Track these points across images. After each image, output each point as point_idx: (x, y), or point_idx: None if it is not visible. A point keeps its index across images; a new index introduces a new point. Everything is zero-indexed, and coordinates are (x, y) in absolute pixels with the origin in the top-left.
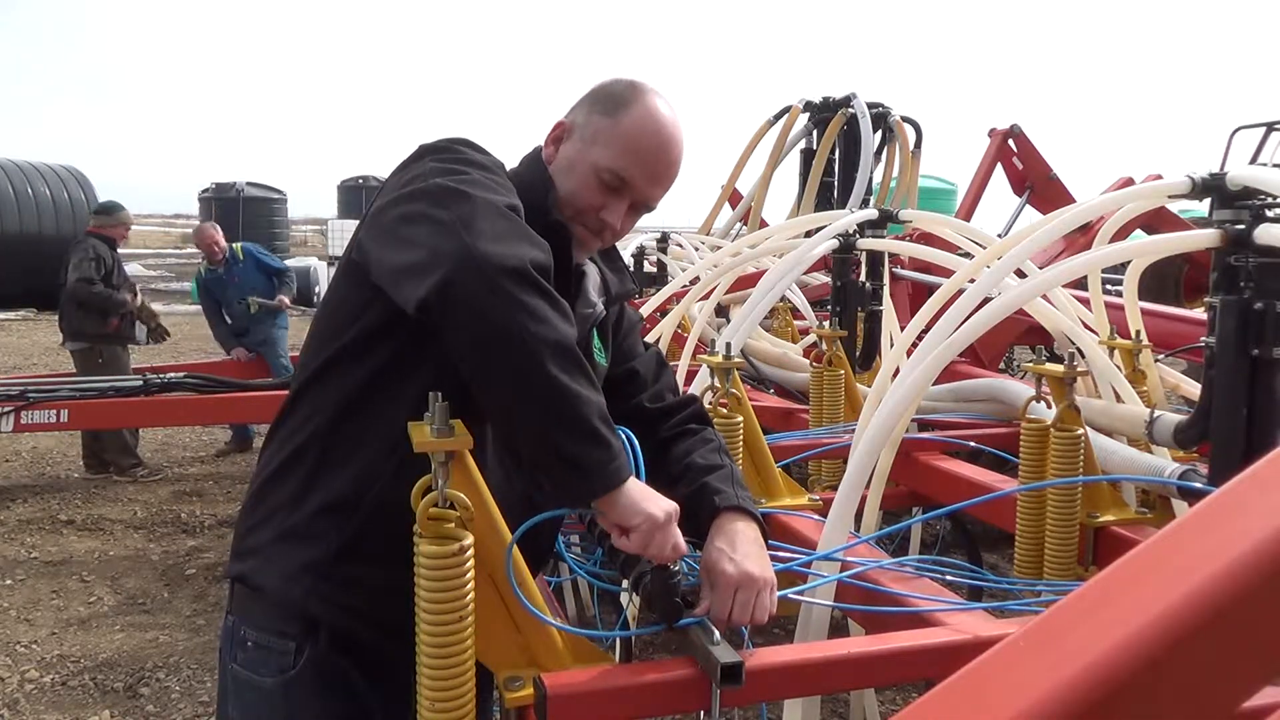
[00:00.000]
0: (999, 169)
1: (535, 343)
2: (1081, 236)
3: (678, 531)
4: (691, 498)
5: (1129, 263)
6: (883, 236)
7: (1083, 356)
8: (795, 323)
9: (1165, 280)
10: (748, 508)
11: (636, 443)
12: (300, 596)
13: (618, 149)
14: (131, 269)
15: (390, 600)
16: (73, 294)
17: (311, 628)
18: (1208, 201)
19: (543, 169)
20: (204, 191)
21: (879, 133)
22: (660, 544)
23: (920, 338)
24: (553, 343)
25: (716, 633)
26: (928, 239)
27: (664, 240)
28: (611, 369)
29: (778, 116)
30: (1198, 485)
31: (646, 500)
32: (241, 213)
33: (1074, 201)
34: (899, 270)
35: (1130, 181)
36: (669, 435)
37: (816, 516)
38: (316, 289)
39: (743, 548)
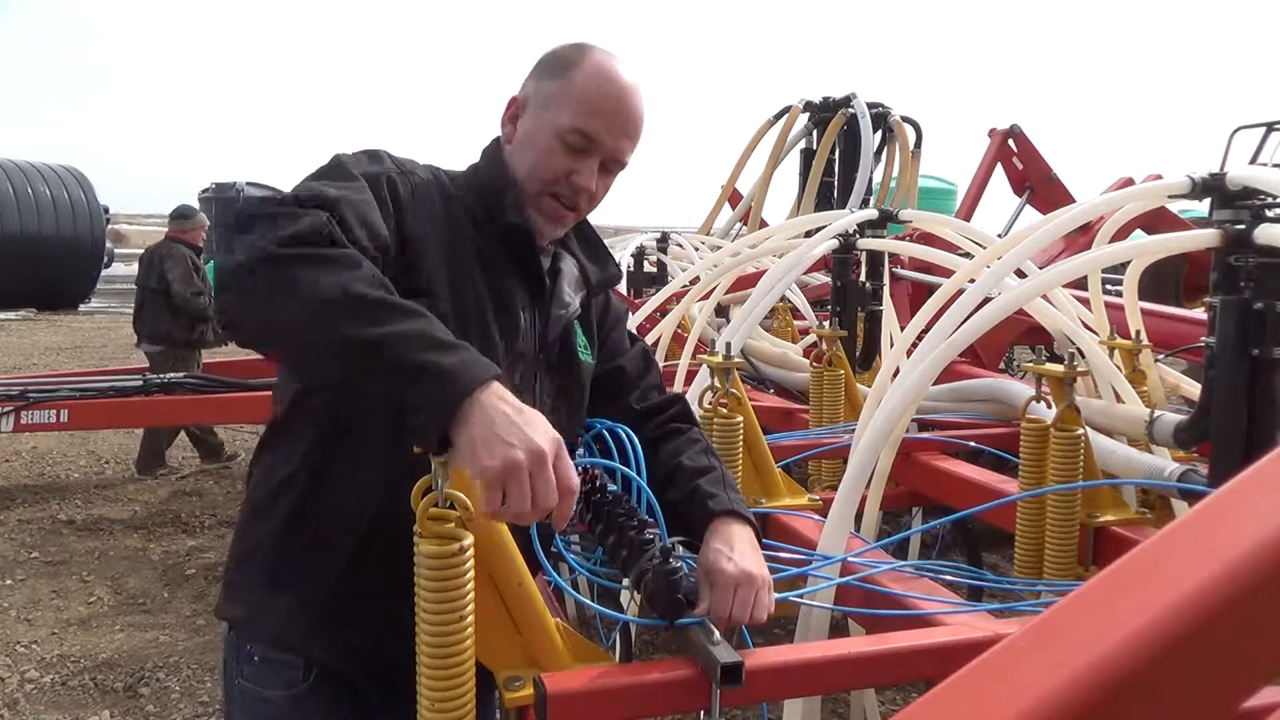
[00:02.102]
0: (999, 169)
1: (293, 327)
2: (1081, 236)
3: (564, 463)
4: (684, 502)
5: (1129, 263)
6: (883, 236)
7: (1083, 356)
8: (795, 323)
9: (1165, 280)
10: (741, 511)
11: (637, 441)
12: (298, 639)
13: (575, 106)
14: (131, 269)
15: (391, 635)
16: (184, 307)
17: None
18: (1208, 201)
19: (501, 165)
20: (204, 191)
21: (879, 133)
22: (539, 492)
23: (920, 338)
24: (310, 314)
25: (716, 633)
26: (928, 239)
27: (664, 240)
28: (598, 366)
29: (778, 116)
30: (1198, 487)
31: (505, 430)
32: None
33: (1074, 201)
34: (899, 270)
35: (1130, 181)
36: (655, 435)
37: (816, 516)
38: None
39: (739, 548)
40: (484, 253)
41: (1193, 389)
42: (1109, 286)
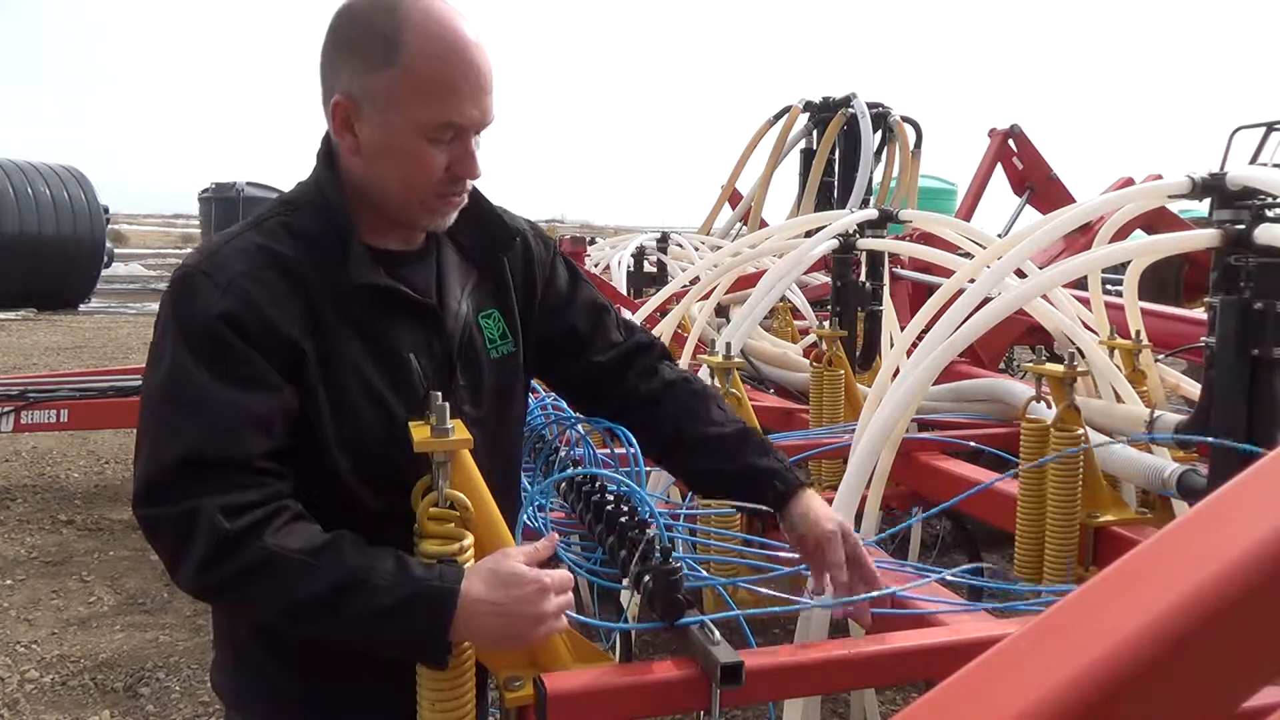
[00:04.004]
0: (999, 169)
1: (279, 606)
2: (1081, 237)
3: (559, 587)
4: (736, 479)
5: (1129, 263)
6: (883, 236)
7: (1083, 356)
8: (795, 323)
9: (1165, 280)
10: (803, 479)
11: (635, 441)
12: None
13: (428, 98)
14: (131, 269)
15: (375, 707)
16: None
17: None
18: (1208, 201)
19: (340, 186)
20: (204, 191)
21: (879, 133)
22: (532, 620)
23: (920, 338)
24: (275, 617)
25: (716, 632)
26: (928, 239)
27: (664, 240)
28: (545, 330)
29: (778, 116)
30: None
31: (507, 626)
32: (242, 213)
33: (1074, 201)
34: (899, 270)
35: (1130, 181)
36: (646, 394)
37: None
38: None
39: (827, 510)
40: (348, 307)
41: (1193, 389)
42: (1109, 286)
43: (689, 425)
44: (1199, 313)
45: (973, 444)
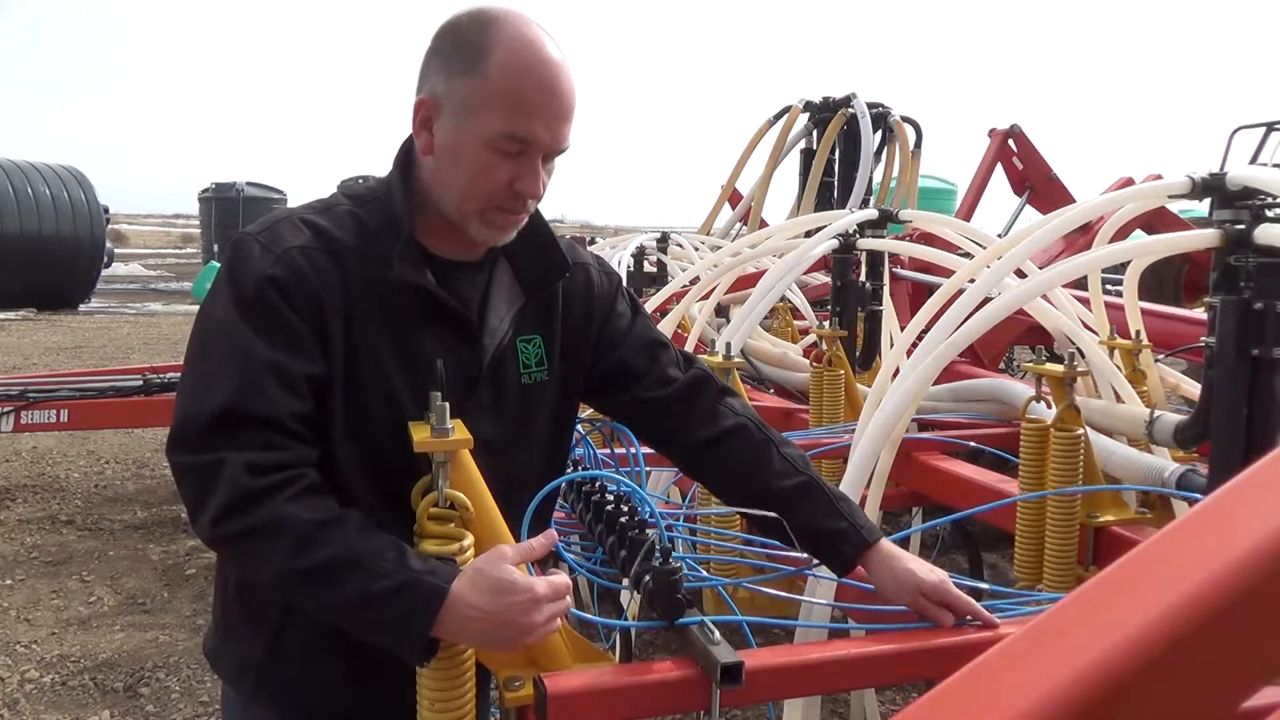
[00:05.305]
0: (999, 169)
1: (278, 569)
2: (1081, 237)
3: (553, 592)
4: (800, 535)
5: (1129, 263)
6: (883, 236)
7: (1083, 356)
8: (795, 323)
9: (1165, 280)
10: (871, 539)
11: (635, 439)
12: (248, 693)
13: (501, 108)
14: (131, 269)
15: (333, 701)
16: None
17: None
18: (1208, 201)
19: (411, 185)
20: (204, 191)
21: (879, 133)
22: (520, 630)
23: (920, 338)
24: (272, 583)
25: (716, 632)
26: (928, 239)
27: (664, 240)
28: (600, 363)
29: (778, 116)
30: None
31: (495, 630)
32: (242, 213)
33: (1074, 201)
34: (899, 270)
35: (1130, 181)
36: (706, 441)
37: None
38: None
39: (910, 567)
40: (385, 301)
41: (1193, 389)
42: (1109, 286)
43: (748, 477)
44: (1199, 313)
45: (973, 444)
